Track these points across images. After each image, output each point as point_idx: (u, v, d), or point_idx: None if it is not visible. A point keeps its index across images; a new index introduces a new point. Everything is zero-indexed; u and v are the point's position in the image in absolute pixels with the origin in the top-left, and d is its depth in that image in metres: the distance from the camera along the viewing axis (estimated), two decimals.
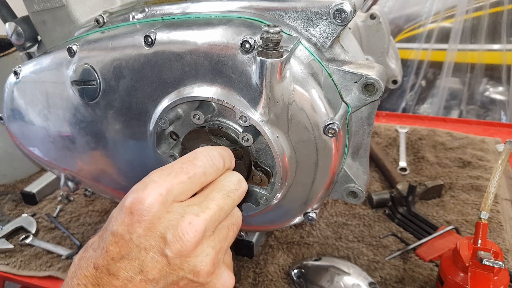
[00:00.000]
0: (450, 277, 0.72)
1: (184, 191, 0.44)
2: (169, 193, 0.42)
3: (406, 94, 2.49)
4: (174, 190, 0.43)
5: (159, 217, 0.41)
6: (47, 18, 0.71)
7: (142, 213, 0.41)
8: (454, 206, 1.02)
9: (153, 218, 0.41)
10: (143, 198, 0.41)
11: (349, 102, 0.54)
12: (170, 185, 0.42)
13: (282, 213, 0.66)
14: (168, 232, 0.41)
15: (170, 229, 0.41)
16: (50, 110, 0.72)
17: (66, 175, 0.84)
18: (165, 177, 0.43)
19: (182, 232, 0.41)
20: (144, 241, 0.41)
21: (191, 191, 0.45)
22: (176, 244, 0.41)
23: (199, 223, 0.42)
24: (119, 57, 0.60)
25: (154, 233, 0.41)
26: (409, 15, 2.46)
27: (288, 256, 0.91)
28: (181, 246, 0.41)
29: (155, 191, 0.41)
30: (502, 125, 1.44)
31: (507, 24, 2.15)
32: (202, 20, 0.57)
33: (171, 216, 0.42)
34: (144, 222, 0.41)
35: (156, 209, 0.41)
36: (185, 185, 0.44)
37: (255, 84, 0.51)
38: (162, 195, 0.42)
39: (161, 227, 0.41)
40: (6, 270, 0.94)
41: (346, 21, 0.50)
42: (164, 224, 0.41)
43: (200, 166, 0.45)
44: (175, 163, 0.46)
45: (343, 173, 0.62)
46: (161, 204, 0.41)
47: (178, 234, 0.41)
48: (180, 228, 0.41)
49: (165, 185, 0.42)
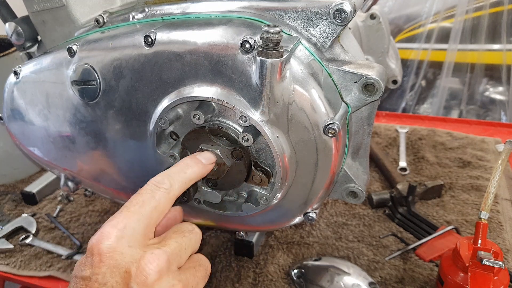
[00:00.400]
0: (450, 277, 0.72)
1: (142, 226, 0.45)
2: (126, 228, 0.43)
3: (406, 94, 2.49)
4: (130, 225, 0.44)
5: (121, 252, 0.42)
6: (47, 18, 0.71)
7: (103, 251, 0.41)
8: (454, 206, 1.02)
9: (115, 254, 0.41)
10: (101, 237, 0.42)
11: (349, 102, 0.54)
12: (126, 220, 0.44)
13: (282, 213, 0.66)
14: (132, 266, 0.41)
15: (134, 262, 0.42)
16: (50, 110, 0.72)
17: (66, 175, 0.84)
18: (119, 215, 0.44)
19: (145, 263, 0.42)
20: (110, 278, 0.40)
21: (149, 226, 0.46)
22: (140, 276, 0.41)
23: (161, 253, 0.43)
24: (119, 57, 0.60)
25: (119, 269, 0.41)
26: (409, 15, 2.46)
27: (288, 256, 0.91)
28: (145, 277, 0.41)
29: (113, 229, 0.43)
30: (502, 125, 1.44)
31: (507, 24, 2.15)
32: (202, 20, 0.57)
33: (133, 251, 0.42)
34: (107, 260, 0.41)
35: (116, 245, 0.42)
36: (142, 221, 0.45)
37: (255, 84, 0.51)
38: (120, 230, 0.43)
39: (124, 262, 0.41)
40: (6, 270, 0.94)
41: (346, 21, 0.50)
42: (127, 259, 0.42)
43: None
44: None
45: (343, 173, 0.62)
46: (120, 239, 0.42)
47: (141, 265, 0.41)
48: (143, 260, 0.42)
49: (122, 222, 0.43)
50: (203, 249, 0.93)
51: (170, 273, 0.43)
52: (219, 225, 0.76)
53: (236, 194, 0.67)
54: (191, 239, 0.48)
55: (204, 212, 0.70)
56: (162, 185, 0.47)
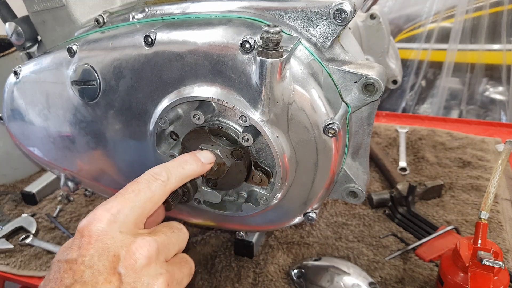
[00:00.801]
0: (450, 277, 0.72)
1: (134, 214, 0.44)
2: (120, 213, 0.43)
3: (406, 94, 2.49)
4: (124, 211, 0.43)
5: (112, 236, 0.41)
6: (47, 18, 0.71)
7: (94, 234, 0.40)
8: (454, 206, 1.02)
9: (106, 238, 0.41)
10: (93, 219, 0.41)
11: (349, 102, 0.54)
12: (120, 206, 0.43)
13: (282, 213, 0.66)
14: (122, 250, 0.41)
15: (124, 247, 0.41)
16: (50, 110, 0.72)
17: (66, 175, 0.84)
18: (113, 200, 0.44)
19: (135, 247, 0.41)
20: (97, 261, 0.40)
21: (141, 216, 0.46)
22: (129, 260, 0.41)
23: (152, 241, 0.43)
24: (119, 57, 0.60)
25: (108, 252, 0.40)
26: (409, 15, 2.46)
27: (288, 256, 0.91)
28: (134, 261, 0.41)
29: (106, 212, 0.42)
30: (502, 125, 1.44)
31: (507, 24, 2.15)
32: (202, 20, 0.57)
33: (124, 236, 0.42)
34: (97, 243, 0.40)
35: (108, 228, 0.41)
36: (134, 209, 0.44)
37: (255, 84, 0.51)
38: (113, 215, 0.42)
39: (114, 246, 0.41)
40: (6, 270, 0.94)
41: (346, 21, 0.50)
42: (117, 243, 0.41)
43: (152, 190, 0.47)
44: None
45: (343, 173, 0.62)
46: (112, 223, 0.42)
47: (131, 250, 0.41)
48: (134, 244, 0.41)
49: (116, 207, 0.43)
50: (203, 249, 0.93)
51: (158, 262, 0.43)
52: (219, 225, 0.76)
53: (236, 194, 0.67)
54: (179, 236, 0.48)
55: (204, 212, 0.70)
56: (159, 177, 0.47)
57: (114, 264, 0.40)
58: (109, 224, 0.42)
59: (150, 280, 0.41)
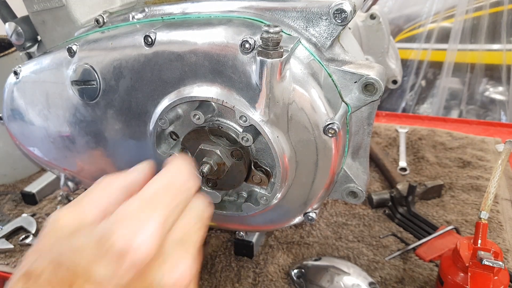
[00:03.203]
0: (450, 277, 0.72)
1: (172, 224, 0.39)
2: (162, 231, 0.37)
3: (406, 94, 2.49)
4: (165, 227, 0.38)
5: (152, 260, 0.36)
6: (47, 18, 0.71)
7: (136, 259, 0.34)
8: (454, 206, 1.02)
9: (148, 263, 0.35)
10: (138, 240, 0.35)
11: (349, 102, 0.54)
12: (162, 221, 0.37)
13: (282, 213, 0.66)
14: (162, 278, 0.36)
15: (164, 275, 0.36)
16: (50, 110, 0.72)
17: (66, 175, 0.84)
18: (154, 213, 0.38)
19: (177, 278, 0.36)
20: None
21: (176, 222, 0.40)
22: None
23: (191, 264, 0.38)
24: (119, 57, 0.60)
25: (146, 280, 0.35)
26: (409, 15, 2.46)
27: (288, 256, 0.91)
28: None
29: (151, 232, 0.36)
30: (502, 125, 1.44)
31: (507, 24, 2.15)
32: (202, 20, 0.57)
33: (165, 258, 0.37)
34: (134, 269, 0.34)
35: (151, 253, 0.35)
36: (172, 219, 0.39)
37: (255, 84, 0.51)
38: (157, 235, 0.36)
39: (154, 273, 0.36)
40: (6, 270, 0.94)
41: (346, 21, 0.50)
42: (158, 271, 0.36)
43: (182, 191, 0.42)
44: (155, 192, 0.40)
45: (343, 173, 0.62)
46: (156, 246, 0.36)
47: (172, 280, 0.36)
48: (176, 273, 0.37)
49: (158, 223, 0.37)
50: (203, 249, 0.93)
51: None
52: (219, 225, 0.76)
53: (236, 194, 0.67)
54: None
55: None
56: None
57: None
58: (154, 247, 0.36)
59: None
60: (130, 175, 0.45)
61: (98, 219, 0.39)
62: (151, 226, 0.36)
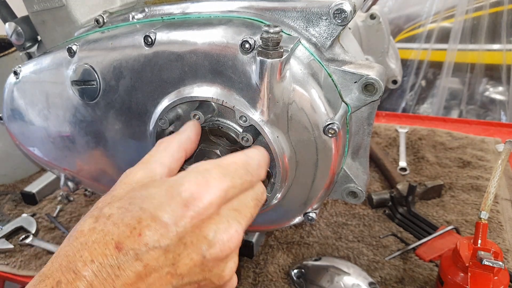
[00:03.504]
0: (450, 277, 0.72)
1: (234, 195, 0.44)
2: (225, 196, 0.42)
3: (406, 94, 2.49)
4: (228, 194, 0.42)
5: (210, 217, 0.40)
6: (47, 18, 0.71)
7: (198, 211, 0.39)
8: (454, 206, 1.02)
9: (206, 218, 0.40)
10: (203, 195, 0.40)
11: (349, 102, 0.54)
12: (227, 187, 0.42)
13: (282, 213, 0.66)
14: (215, 235, 0.40)
15: (217, 233, 0.41)
16: (50, 110, 0.72)
17: (66, 175, 0.84)
18: (224, 178, 0.42)
19: (227, 239, 0.41)
20: (188, 237, 0.39)
21: (237, 195, 0.45)
22: (217, 249, 0.40)
23: (241, 232, 0.42)
24: (119, 57, 0.60)
25: (201, 232, 0.40)
26: (409, 15, 2.46)
27: (288, 256, 0.91)
28: (221, 252, 0.41)
29: (215, 192, 0.41)
30: (502, 125, 1.44)
31: (507, 24, 2.15)
32: (202, 20, 0.57)
33: (220, 219, 0.41)
34: (196, 219, 0.39)
35: (212, 210, 0.40)
36: (236, 190, 0.44)
37: (255, 84, 0.51)
38: (220, 197, 0.41)
39: (209, 228, 0.40)
40: (6, 270, 0.94)
41: (346, 21, 0.50)
42: (213, 227, 0.40)
43: (252, 174, 0.46)
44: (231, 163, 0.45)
45: (343, 173, 0.62)
46: (216, 206, 0.41)
47: (223, 239, 0.41)
48: (227, 234, 0.41)
49: (224, 187, 0.42)
50: None
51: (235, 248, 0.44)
52: None
53: None
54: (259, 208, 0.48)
55: None
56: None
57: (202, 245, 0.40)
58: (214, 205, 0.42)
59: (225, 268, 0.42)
60: (183, 134, 0.52)
61: (164, 174, 0.45)
62: (218, 186, 0.41)
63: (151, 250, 0.37)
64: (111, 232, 0.37)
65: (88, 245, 0.37)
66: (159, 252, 0.37)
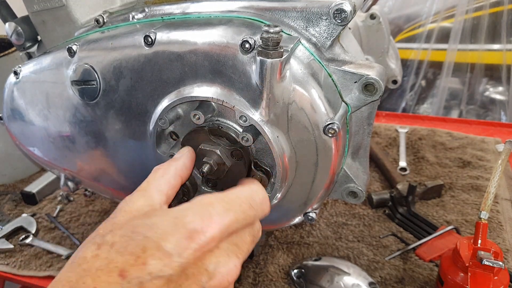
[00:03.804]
0: (450, 277, 0.72)
1: (235, 230, 0.45)
2: (226, 231, 0.43)
3: (406, 94, 2.49)
4: (230, 229, 0.44)
5: (211, 250, 0.42)
6: (47, 18, 0.71)
7: (201, 244, 0.40)
8: (454, 206, 1.02)
9: (207, 251, 0.41)
10: (206, 229, 0.41)
11: (349, 102, 0.54)
12: (229, 223, 0.43)
13: (282, 213, 0.66)
14: (215, 268, 0.42)
15: (218, 266, 0.42)
16: (50, 110, 0.72)
17: (66, 175, 0.84)
18: (227, 213, 0.44)
19: (226, 272, 0.42)
20: (190, 268, 0.40)
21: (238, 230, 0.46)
22: (216, 281, 0.41)
23: (239, 267, 0.44)
24: (119, 57, 0.60)
25: (202, 264, 0.41)
26: (409, 15, 2.46)
27: (288, 256, 0.91)
28: (220, 285, 0.42)
29: (218, 226, 0.42)
30: (502, 125, 1.44)
31: (507, 24, 2.15)
32: (202, 20, 0.57)
33: (220, 252, 0.43)
34: (199, 252, 0.40)
35: (214, 244, 0.42)
36: (238, 225, 0.45)
37: (255, 84, 0.51)
38: (222, 232, 0.42)
39: (209, 261, 0.41)
40: (6, 270, 0.94)
41: (346, 21, 0.50)
42: (213, 260, 0.42)
43: (256, 209, 0.47)
44: (235, 198, 0.46)
45: (343, 173, 0.62)
46: (218, 240, 0.42)
47: (223, 272, 0.42)
48: (226, 268, 0.42)
49: (226, 223, 0.43)
50: None
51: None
52: None
53: None
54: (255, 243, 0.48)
55: None
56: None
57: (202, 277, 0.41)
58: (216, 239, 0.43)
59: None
60: (179, 161, 0.53)
61: (163, 202, 0.46)
62: (221, 222, 0.42)
63: (154, 279, 0.38)
64: (115, 260, 0.38)
65: (91, 272, 0.37)
66: (162, 281, 0.38)
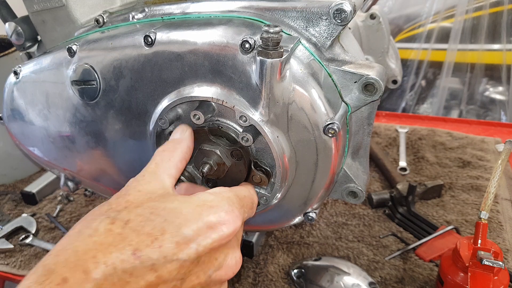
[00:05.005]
0: (450, 277, 0.72)
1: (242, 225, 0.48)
2: (240, 226, 0.46)
3: (406, 94, 2.49)
4: (242, 224, 0.47)
5: (222, 244, 0.43)
6: (47, 18, 0.71)
7: (222, 235, 0.42)
8: (454, 206, 1.02)
9: (221, 243, 0.43)
10: (228, 223, 0.43)
11: (349, 102, 0.54)
12: (242, 219, 0.46)
13: (282, 213, 0.66)
14: (224, 259, 0.44)
15: (226, 257, 0.44)
16: (50, 110, 0.72)
17: (66, 175, 0.84)
18: (243, 210, 0.47)
19: (232, 264, 0.45)
20: (203, 257, 0.41)
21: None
22: (222, 272, 0.44)
23: (240, 260, 0.47)
24: (119, 57, 0.60)
25: (214, 254, 0.43)
26: (409, 15, 2.47)
27: (288, 256, 0.91)
28: (225, 275, 0.44)
29: (240, 222, 0.45)
30: (502, 125, 1.44)
31: (507, 24, 2.15)
32: (202, 20, 0.57)
33: (230, 244, 0.45)
34: (217, 243, 0.42)
35: (231, 237, 0.44)
36: (244, 221, 0.49)
37: (255, 84, 0.51)
38: (238, 227, 0.44)
39: (220, 253, 0.43)
40: (6, 270, 0.94)
41: (346, 21, 0.50)
42: (224, 251, 0.44)
43: (253, 211, 0.52)
44: (246, 197, 0.50)
45: (343, 173, 0.62)
46: (235, 234, 0.45)
47: (229, 264, 0.44)
48: (233, 260, 0.45)
49: (242, 219, 0.47)
50: None
51: None
52: None
53: None
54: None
55: None
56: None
57: (210, 267, 0.43)
58: (232, 234, 0.45)
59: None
60: (184, 143, 0.54)
61: (172, 185, 0.48)
62: (242, 216, 0.46)
63: (168, 263, 0.38)
64: (129, 237, 0.37)
65: (103, 246, 0.36)
66: (175, 265, 0.38)
